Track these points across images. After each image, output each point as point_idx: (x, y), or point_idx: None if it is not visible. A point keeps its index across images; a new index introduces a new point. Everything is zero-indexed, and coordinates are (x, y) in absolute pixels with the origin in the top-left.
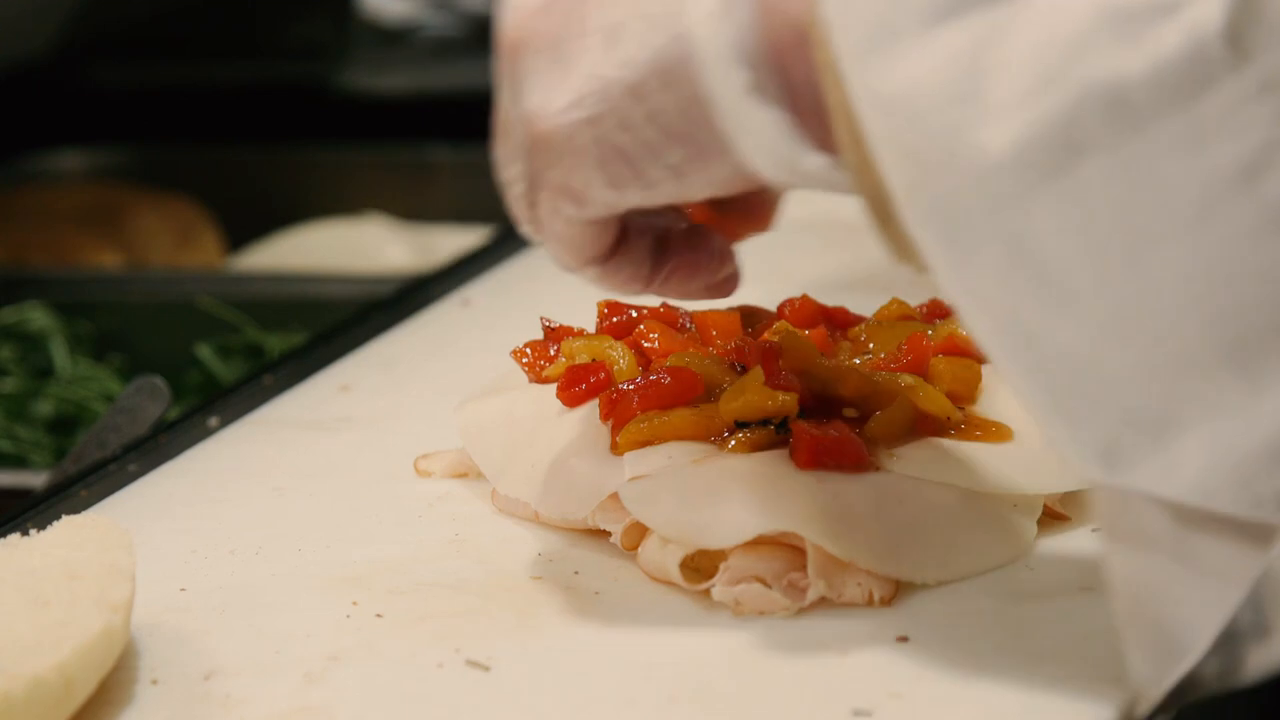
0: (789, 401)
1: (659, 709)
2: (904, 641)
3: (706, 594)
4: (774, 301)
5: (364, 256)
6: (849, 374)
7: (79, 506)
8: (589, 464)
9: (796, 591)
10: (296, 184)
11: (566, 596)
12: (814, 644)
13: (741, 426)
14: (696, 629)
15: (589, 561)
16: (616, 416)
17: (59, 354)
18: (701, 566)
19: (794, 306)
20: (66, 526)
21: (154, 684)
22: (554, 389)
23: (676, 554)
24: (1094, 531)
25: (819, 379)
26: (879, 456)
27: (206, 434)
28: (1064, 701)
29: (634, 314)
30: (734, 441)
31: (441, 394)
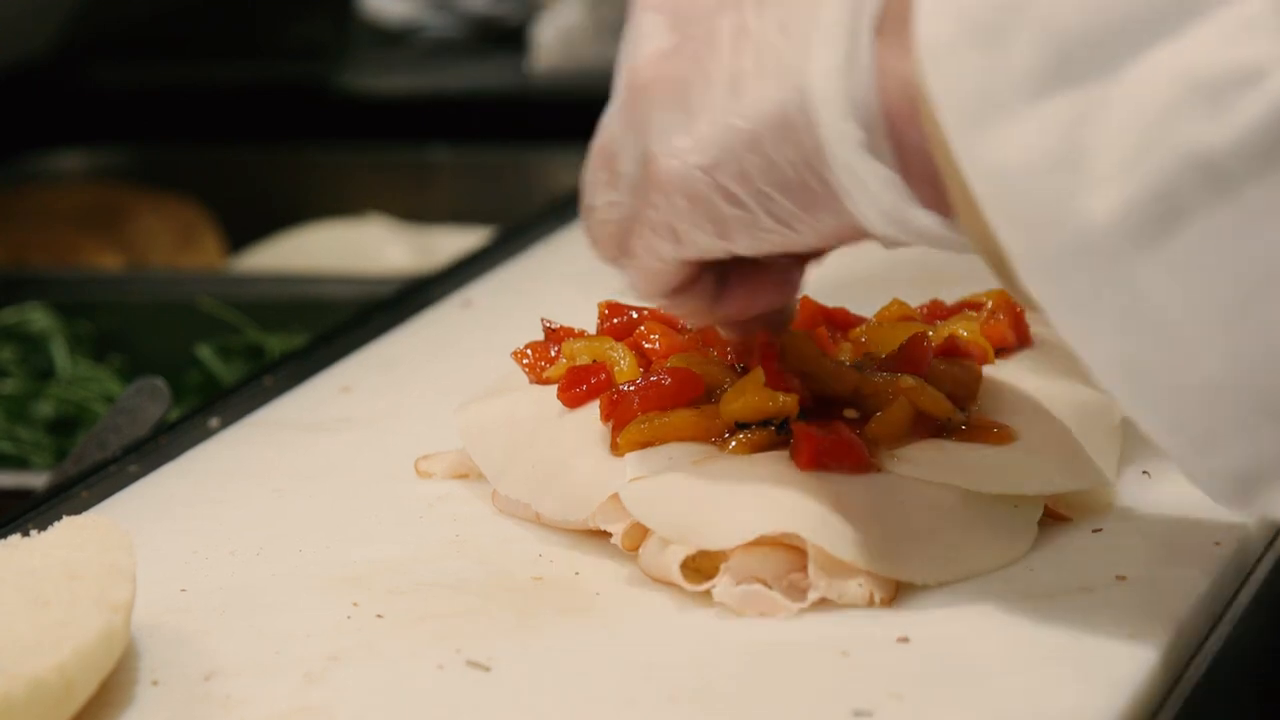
0: (789, 402)
1: (659, 709)
2: (904, 642)
3: (707, 594)
4: None
5: (364, 257)
6: (849, 375)
7: (79, 507)
8: (590, 465)
9: (797, 592)
10: (297, 184)
11: (566, 596)
12: (814, 644)
13: (742, 427)
14: (697, 629)
15: (589, 562)
16: (617, 417)
17: (59, 355)
18: (702, 567)
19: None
20: (67, 527)
21: (154, 685)
22: (555, 390)
23: (677, 554)
24: (1094, 532)
25: (819, 380)
26: (879, 457)
27: (207, 435)
28: (1064, 701)
29: (634, 315)
30: (734, 442)
31: (442, 395)
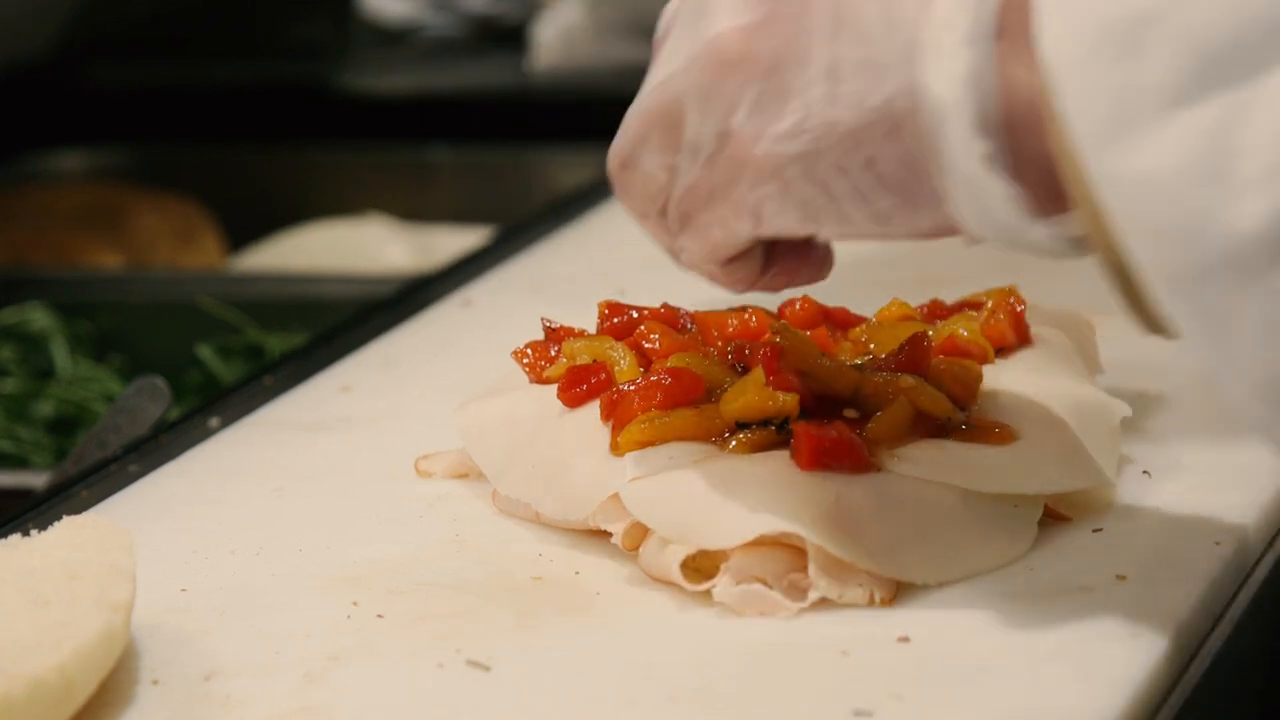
0: (790, 402)
1: (659, 709)
2: (904, 642)
3: (707, 594)
4: (775, 302)
5: (364, 257)
6: (849, 374)
7: (79, 507)
8: (590, 464)
9: (797, 592)
10: (297, 184)
11: (566, 596)
12: (814, 644)
13: (742, 427)
14: (697, 629)
15: (589, 561)
16: (617, 417)
17: (59, 354)
18: (702, 567)
19: (794, 307)
20: (67, 527)
21: (154, 684)
22: (555, 389)
23: (677, 554)
24: (1095, 532)
25: (820, 379)
26: (880, 457)
27: (207, 434)
28: (1064, 701)
29: (634, 314)
30: (735, 442)
31: (442, 394)
